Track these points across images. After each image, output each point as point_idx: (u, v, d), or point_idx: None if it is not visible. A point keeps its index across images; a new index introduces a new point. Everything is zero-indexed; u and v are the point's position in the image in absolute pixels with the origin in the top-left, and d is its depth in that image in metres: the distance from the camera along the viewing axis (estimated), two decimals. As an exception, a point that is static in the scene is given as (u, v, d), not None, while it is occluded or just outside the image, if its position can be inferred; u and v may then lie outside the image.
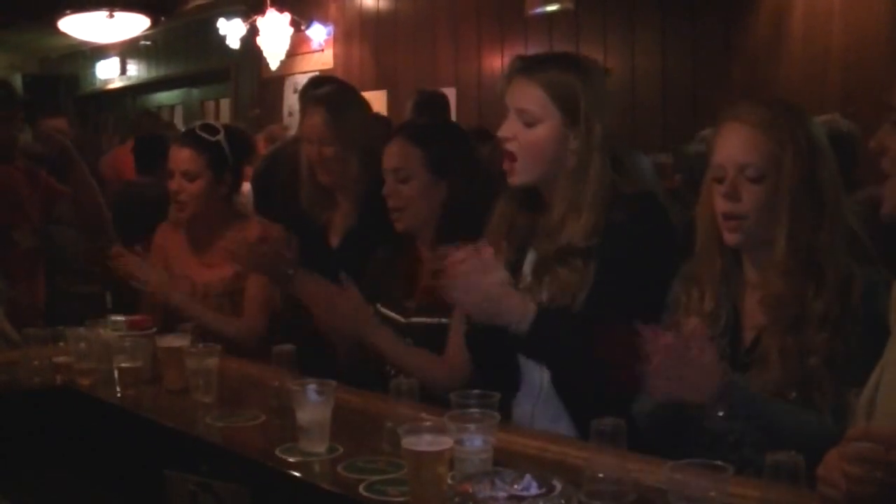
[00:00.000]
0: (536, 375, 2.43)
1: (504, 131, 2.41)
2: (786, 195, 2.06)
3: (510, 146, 2.40)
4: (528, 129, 2.38)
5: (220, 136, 3.37)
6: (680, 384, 1.91)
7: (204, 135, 3.35)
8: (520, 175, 2.42)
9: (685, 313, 2.19)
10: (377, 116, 4.99)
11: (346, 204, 3.32)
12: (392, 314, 2.81)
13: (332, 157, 3.25)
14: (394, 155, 2.85)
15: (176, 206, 3.39)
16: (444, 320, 2.70)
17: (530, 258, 2.49)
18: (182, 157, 3.33)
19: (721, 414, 2.01)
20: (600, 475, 1.72)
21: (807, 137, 2.09)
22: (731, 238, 2.13)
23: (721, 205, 2.12)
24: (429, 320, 2.74)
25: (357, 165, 3.23)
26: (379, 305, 2.85)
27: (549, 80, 2.39)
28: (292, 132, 6.42)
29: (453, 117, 6.52)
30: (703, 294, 2.19)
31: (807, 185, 2.06)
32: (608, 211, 2.34)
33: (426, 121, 3.82)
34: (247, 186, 4.79)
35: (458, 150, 2.89)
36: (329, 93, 3.44)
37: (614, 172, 2.39)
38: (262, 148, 6.12)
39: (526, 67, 2.44)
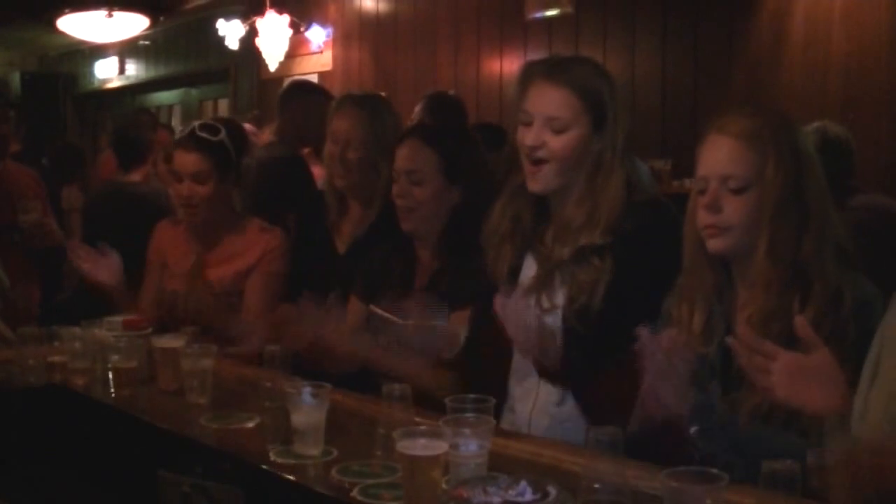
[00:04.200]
0: (532, 383, 2.43)
1: (533, 140, 2.37)
2: (768, 206, 2.03)
3: (540, 154, 2.37)
4: (557, 135, 2.36)
5: (223, 135, 3.34)
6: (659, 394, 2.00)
7: (207, 135, 3.32)
8: (545, 181, 2.39)
9: (676, 331, 2.15)
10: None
11: (356, 211, 3.28)
12: (387, 315, 2.79)
13: (355, 160, 3.20)
14: (408, 157, 2.83)
15: (188, 211, 3.37)
16: (440, 323, 2.68)
17: (528, 264, 2.48)
18: (190, 161, 3.30)
19: (694, 430, 2.01)
20: (596, 485, 1.70)
21: (791, 147, 2.06)
22: (713, 245, 2.10)
23: (703, 217, 2.10)
24: (425, 323, 2.72)
25: (388, 173, 3.09)
26: (372, 306, 2.84)
27: (576, 81, 2.37)
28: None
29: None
30: (692, 311, 2.15)
31: (790, 195, 2.03)
32: (622, 216, 2.34)
33: (443, 124, 3.81)
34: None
35: (473, 156, 2.87)
36: (366, 97, 3.40)
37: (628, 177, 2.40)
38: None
39: (548, 71, 2.40)
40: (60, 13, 8.54)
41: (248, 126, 5.49)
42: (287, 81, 5.51)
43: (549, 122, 2.36)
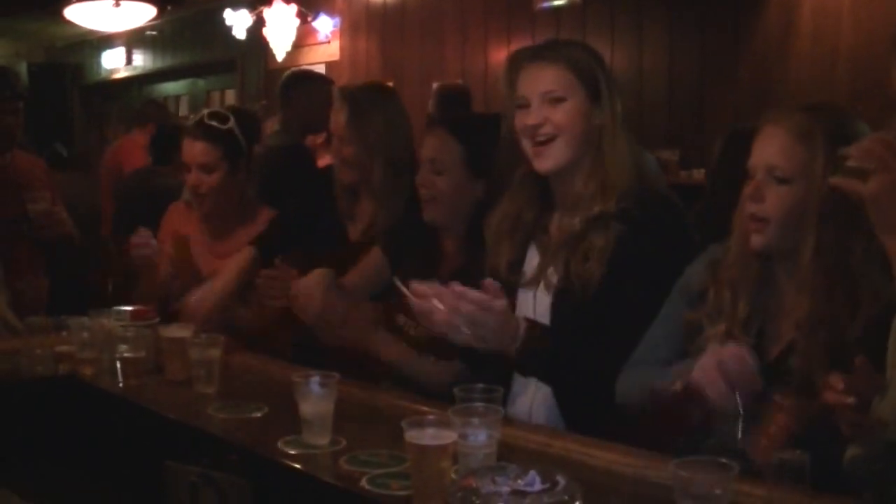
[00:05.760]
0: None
1: (535, 118, 2.36)
2: (814, 202, 1.98)
3: (545, 130, 2.36)
4: (556, 107, 2.35)
5: (232, 123, 3.32)
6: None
7: (215, 124, 3.30)
8: (555, 157, 2.37)
9: (716, 315, 2.12)
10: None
11: (367, 201, 3.25)
12: (408, 292, 2.78)
13: (351, 157, 3.17)
14: (432, 146, 2.81)
15: (196, 200, 3.36)
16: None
17: (531, 256, 2.47)
18: (197, 151, 3.29)
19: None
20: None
21: (845, 143, 1.94)
22: (755, 241, 2.07)
23: (746, 205, 2.08)
24: None
25: (379, 171, 3.11)
26: (396, 278, 2.82)
27: (565, 56, 2.38)
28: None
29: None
30: (736, 299, 2.11)
31: (840, 196, 1.92)
32: (631, 204, 2.32)
33: (471, 114, 3.76)
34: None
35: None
36: (355, 90, 3.33)
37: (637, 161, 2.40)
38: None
39: (535, 54, 2.42)
40: (67, 2, 8.54)
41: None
42: (286, 73, 5.50)
43: (547, 97, 2.35)
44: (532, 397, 2.43)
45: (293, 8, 8.65)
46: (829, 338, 1.94)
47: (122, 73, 12.14)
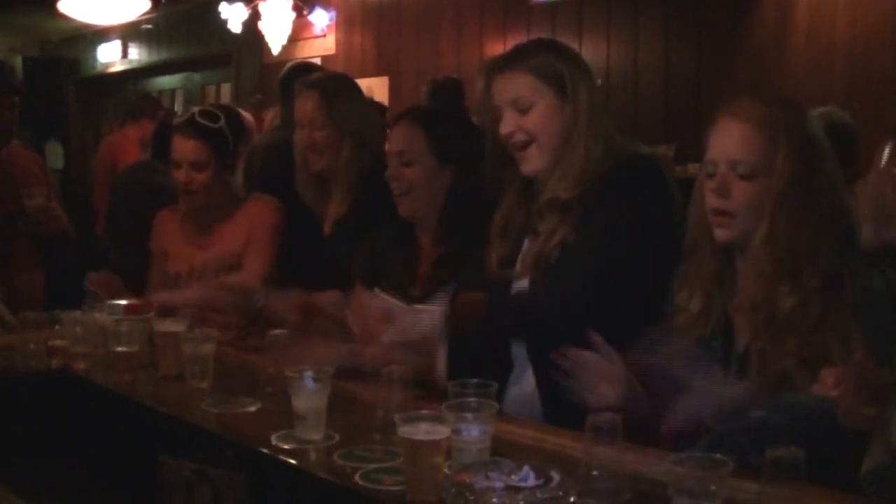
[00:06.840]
0: (525, 370, 2.43)
1: (505, 128, 2.41)
2: (773, 195, 2.01)
3: (518, 137, 2.40)
4: (526, 114, 2.40)
5: (222, 123, 3.34)
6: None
7: (206, 122, 3.33)
8: (534, 161, 2.41)
9: (675, 313, 2.15)
10: (371, 103, 5.00)
11: (338, 192, 3.28)
12: (392, 299, 2.78)
13: (323, 142, 3.21)
14: (399, 137, 2.83)
15: (186, 198, 3.38)
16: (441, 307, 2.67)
17: (524, 250, 2.48)
18: (189, 148, 3.31)
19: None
20: (595, 472, 1.69)
21: (803, 136, 2.04)
22: (720, 234, 2.09)
23: (711, 201, 2.09)
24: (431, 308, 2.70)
25: (348, 151, 3.18)
26: (378, 290, 2.83)
27: (526, 61, 2.43)
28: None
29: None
30: (692, 294, 2.14)
31: (798, 186, 2.00)
32: (602, 168, 2.35)
33: (434, 105, 3.79)
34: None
35: (465, 137, 2.86)
36: (321, 78, 3.41)
37: (608, 141, 2.41)
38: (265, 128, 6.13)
39: (501, 64, 2.48)
40: (61, -5, 8.55)
41: (248, 116, 5.50)
42: (287, 66, 5.48)
43: (515, 105, 2.41)
44: (524, 391, 2.43)
45: (289, 2, 8.64)
46: (767, 318, 1.98)
47: (118, 67, 12.13)
